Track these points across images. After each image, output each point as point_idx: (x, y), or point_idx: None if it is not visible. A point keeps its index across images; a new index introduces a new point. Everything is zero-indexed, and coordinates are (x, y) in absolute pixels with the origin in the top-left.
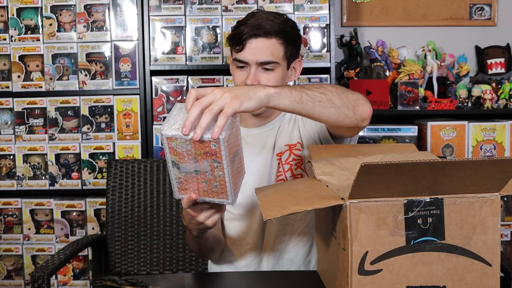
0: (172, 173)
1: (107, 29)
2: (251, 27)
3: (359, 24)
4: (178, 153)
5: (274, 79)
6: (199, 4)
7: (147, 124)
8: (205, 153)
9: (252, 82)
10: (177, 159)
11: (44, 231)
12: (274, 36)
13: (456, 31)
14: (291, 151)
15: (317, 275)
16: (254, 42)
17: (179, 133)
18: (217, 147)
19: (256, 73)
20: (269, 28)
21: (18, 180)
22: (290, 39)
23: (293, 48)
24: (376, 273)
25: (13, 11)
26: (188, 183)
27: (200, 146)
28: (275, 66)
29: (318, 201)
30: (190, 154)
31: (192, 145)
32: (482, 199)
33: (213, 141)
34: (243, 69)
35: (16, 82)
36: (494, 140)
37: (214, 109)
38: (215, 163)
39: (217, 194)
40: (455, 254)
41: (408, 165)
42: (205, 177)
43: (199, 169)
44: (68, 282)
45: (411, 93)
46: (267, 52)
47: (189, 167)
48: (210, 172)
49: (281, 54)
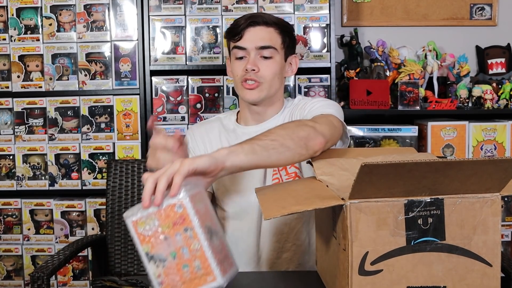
0: (150, 271)
1: (107, 29)
2: (248, 18)
3: (360, 24)
4: (149, 238)
5: (273, 67)
6: (199, 4)
7: (147, 124)
8: (174, 224)
9: (252, 67)
10: (149, 247)
11: (44, 231)
12: (272, 25)
13: (456, 31)
14: None
15: (317, 275)
16: (253, 30)
17: (141, 212)
18: (183, 209)
19: (255, 60)
20: (267, 18)
21: (17, 180)
22: (287, 31)
23: (290, 41)
24: (376, 273)
25: (12, 11)
26: (169, 277)
27: (166, 216)
28: (274, 54)
29: (318, 201)
30: (160, 233)
31: (158, 219)
32: (482, 199)
33: (176, 203)
34: (242, 60)
35: (16, 82)
36: (494, 140)
37: (167, 172)
38: (188, 232)
39: (204, 279)
40: (455, 255)
41: (408, 165)
42: (184, 258)
43: (174, 249)
44: (68, 283)
45: (412, 93)
46: (266, 37)
47: (164, 252)
48: (187, 248)
49: (279, 42)
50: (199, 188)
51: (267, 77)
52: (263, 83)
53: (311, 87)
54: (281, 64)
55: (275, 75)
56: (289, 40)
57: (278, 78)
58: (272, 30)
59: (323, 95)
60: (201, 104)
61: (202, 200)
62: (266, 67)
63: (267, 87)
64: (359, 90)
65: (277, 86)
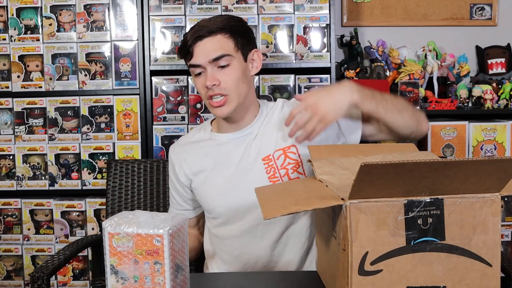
0: (109, 283)
1: (107, 29)
2: (193, 32)
3: (360, 24)
4: (118, 253)
5: (233, 74)
6: (199, 4)
7: (147, 124)
8: (147, 253)
9: (212, 82)
10: (117, 262)
11: (44, 231)
12: (218, 32)
13: (456, 31)
14: (285, 154)
15: (317, 275)
16: (201, 44)
17: (121, 228)
18: (160, 244)
19: (213, 73)
20: (212, 26)
21: (17, 180)
22: (236, 31)
23: (243, 39)
24: (376, 273)
25: (12, 11)
26: None
27: (143, 243)
28: (230, 60)
29: (318, 201)
30: (131, 254)
31: (134, 242)
32: (482, 199)
33: (155, 237)
34: (201, 75)
35: (16, 82)
36: (494, 140)
37: (307, 129)
38: (157, 266)
39: None
40: (455, 255)
41: (408, 165)
42: (144, 286)
43: (138, 274)
44: (68, 283)
45: (412, 93)
46: (216, 47)
47: (129, 272)
48: (150, 278)
49: (231, 46)
50: (183, 222)
51: (230, 86)
52: (229, 94)
53: (311, 87)
54: (242, 67)
55: (239, 81)
56: (242, 39)
57: (243, 82)
58: (220, 38)
59: None
60: (201, 104)
61: (181, 236)
62: (226, 76)
63: (235, 96)
64: None
65: (245, 90)
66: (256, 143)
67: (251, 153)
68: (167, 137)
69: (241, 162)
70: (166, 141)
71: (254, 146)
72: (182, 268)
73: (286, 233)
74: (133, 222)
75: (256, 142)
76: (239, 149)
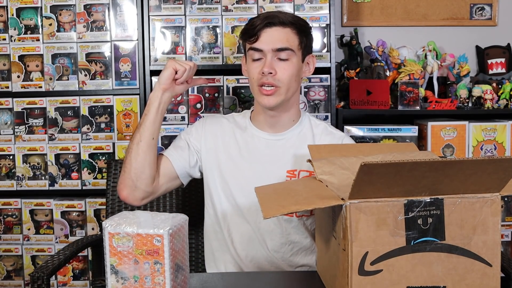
0: (109, 283)
1: (107, 29)
2: (264, 18)
3: (360, 24)
4: (120, 254)
5: (290, 69)
6: (199, 4)
7: None
8: (147, 253)
9: (269, 70)
10: (117, 262)
11: (44, 231)
12: (289, 25)
13: (456, 31)
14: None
15: (317, 275)
16: (269, 31)
17: (122, 228)
18: (160, 244)
19: (272, 62)
20: (284, 18)
21: (17, 180)
22: (303, 31)
23: (307, 40)
24: (376, 273)
25: (12, 11)
26: None
27: (143, 243)
28: (291, 55)
29: (318, 201)
30: (131, 253)
31: (134, 242)
32: (482, 199)
33: (156, 236)
34: (259, 61)
35: (16, 82)
36: (494, 140)
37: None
38: (157, 266)
39: None
40: (455, 255)
41: (408, 165)
42: (144, 285)
43: (138, 274)
44: (68, 283)
45: (412, 93)
46: (283, 39)
47: (129, 272)
48: (151, 278)
49: (296, 43)
50: (183, 222)
51: (284, 80)
52: (280, 87)
53: (311, 87)
54: (299, 66)
55: (292, 78)
56: (306, 40)
57: (295, 81)
58: (289, 31)
59: (323, 95)
60: (201, 104)
61: (181, 236)
62: (283, 69)
63: (285, 90)
64: (359, 90)
65: (294, 88)
66: (288, 152)
67: (279, 160)
68: (167, 137)
69: (266, 164)
70: (166, 141)
71: (284, 155)
72: (182, 268)
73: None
74: (133, 222)
75: (288, 151)
76: (269, 151)
